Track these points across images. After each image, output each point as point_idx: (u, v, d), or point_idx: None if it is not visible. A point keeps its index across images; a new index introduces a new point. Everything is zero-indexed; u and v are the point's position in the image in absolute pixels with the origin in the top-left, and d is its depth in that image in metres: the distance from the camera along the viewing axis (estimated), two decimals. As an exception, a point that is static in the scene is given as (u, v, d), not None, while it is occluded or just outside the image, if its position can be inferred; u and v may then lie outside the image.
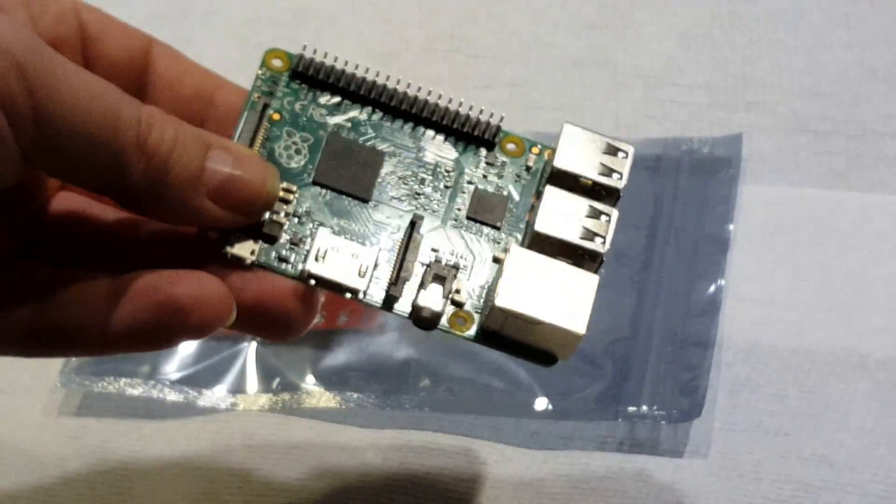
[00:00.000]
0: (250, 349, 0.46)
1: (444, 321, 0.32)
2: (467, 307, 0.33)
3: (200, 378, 0.45)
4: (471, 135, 0.34)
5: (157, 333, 0.31)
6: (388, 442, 0.43)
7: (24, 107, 0.27)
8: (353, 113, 0.34)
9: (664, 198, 0.48)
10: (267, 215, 0.32)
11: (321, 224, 0.33)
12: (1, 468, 0.44)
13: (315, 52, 0.34)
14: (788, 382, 0.43)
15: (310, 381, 0.45)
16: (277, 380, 0.45)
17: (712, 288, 0.45)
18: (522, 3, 0.57)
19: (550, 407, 0.43)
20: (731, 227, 0.47)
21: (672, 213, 0.47)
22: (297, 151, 0.34)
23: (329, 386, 0.44)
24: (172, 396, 0.45)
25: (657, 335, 0.44)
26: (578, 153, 0.33)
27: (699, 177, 0.48)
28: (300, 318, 0.33)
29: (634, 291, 0.45)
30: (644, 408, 0.42)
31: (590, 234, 0.32)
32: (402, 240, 0.33)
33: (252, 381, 0.45)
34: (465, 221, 0.34)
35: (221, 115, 0.33)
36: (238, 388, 0.45)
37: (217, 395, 0.45)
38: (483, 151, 0.35)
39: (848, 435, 0.41)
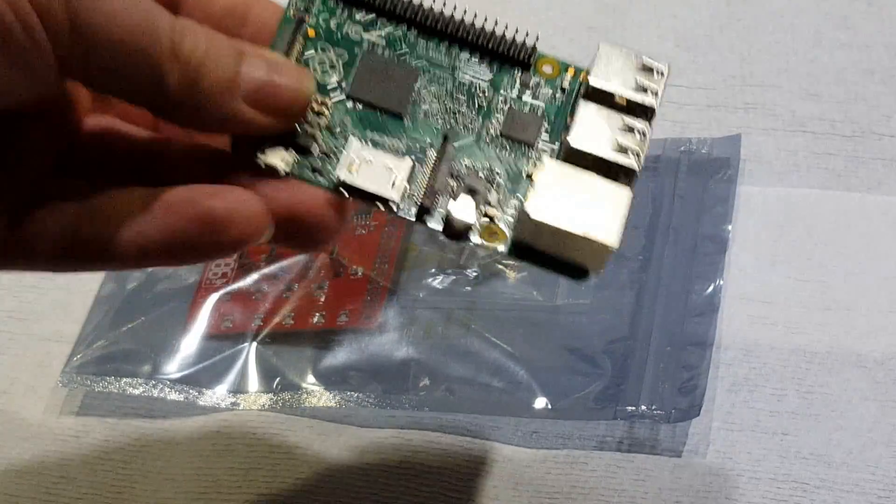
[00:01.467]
0: (251, 349, 0.46)
1: (477, 237, 0.32)
2: (500, 222, 0.32)
3: (201, 377, 0.45)
4: (506, 55, 0.34)
5: (193, 247, 0.30)
6: (388, 441, 0.43)
7: (60, 15, 0.27)
8: (389, 31, 0.34)
9: (663, 198, 0.48)
10: (300, 127, 0.32)
11: (355, 136, 0.33)
12: (3, 467, 0.44)
13: None
14: (787, 382, 0.43)
15: (310, 381, 0.45)
16: (278, 379, 0.45)
17: (711, 288, 0.45)
18: (522, 3, 0.57)
19: (550, 406, 0.43)
20: (730, 227, 0.47)
21: (671, 213, 0.47)
22: (332, 67, 0.33)
23: (329, 385, 0.45)
24: (173, 396, 0.45)
25: (656, 335, 0.44)
26: (614, 72, 0.32)
27: (698, 177, 0.48)
28: (332, 227, 0.32)
29: (633, 291, 0.45)
30: (643, 407, 0.42)
31: (623, 149, 0.32)
32: (436, 152, 0.33)
33: (253, 381, 0.45)
34: (500, 139, 0.33)
35: (254, 33, 0.33)
36: (239, 388, 0.45)
37: (218, 394, 0.45)
38: (518, 72, 0.34)
39: (846, 434, 0.41)
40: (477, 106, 0.34)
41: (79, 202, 0.31)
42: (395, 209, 0.32)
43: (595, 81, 0.32)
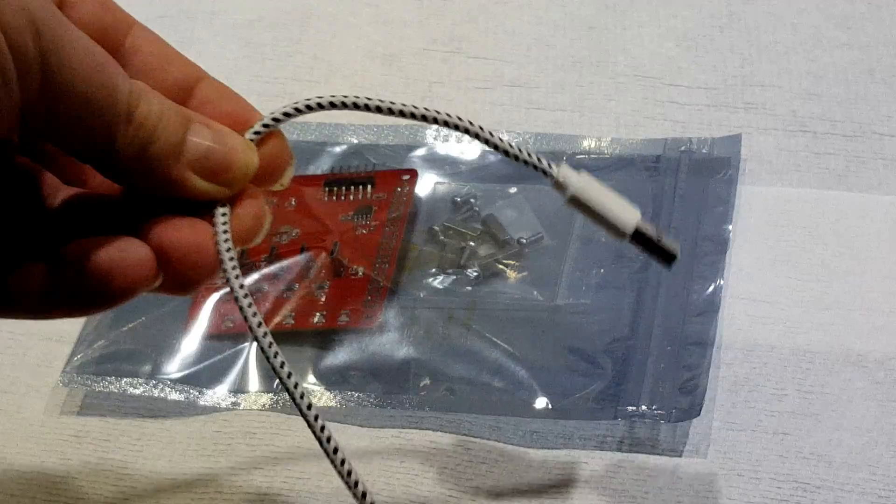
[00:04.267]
0: (251, 349, 0.46)
1: None
2: None
3: (202, 377, 0.45)
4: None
5: (85, 298, 0.32)
6: (389, 441, 0.43)
7: (34, 64, 0.28)
8: None
9: (663, 198, 0.48)
10: None
11: None
12: (3, 467, 0.44)
13: None
14: (787, 382, 0.43)
15: (310, 381, 0.45)
16: (278, 379, 0.45)
17: (711, 288, 0.45)
18: (522, 3, 0.57)
19: (550, 406, 0.43)
20: (730, 227, 0.47)
21: (671, 213, 0.47)
22: None
23: (330, 385, 0.45)
24: (174, 396, 0.45)
25: (656, 335, 0.44)
26: None
27: (698, 177, 0.48)
28: (208, 267, 0.33)
29: (634, 291, 0.45)
30: (643, 407, 0.42)
31: None
32: None
33: (253, 381, 0.45)
34: None
35: (196, 108, 0.34)
36: (239, 388, 0.45)
37: (218, 394, 0.45)
38: None
39: (846, 434, 0.41)
40: None
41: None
42: None
43: None
